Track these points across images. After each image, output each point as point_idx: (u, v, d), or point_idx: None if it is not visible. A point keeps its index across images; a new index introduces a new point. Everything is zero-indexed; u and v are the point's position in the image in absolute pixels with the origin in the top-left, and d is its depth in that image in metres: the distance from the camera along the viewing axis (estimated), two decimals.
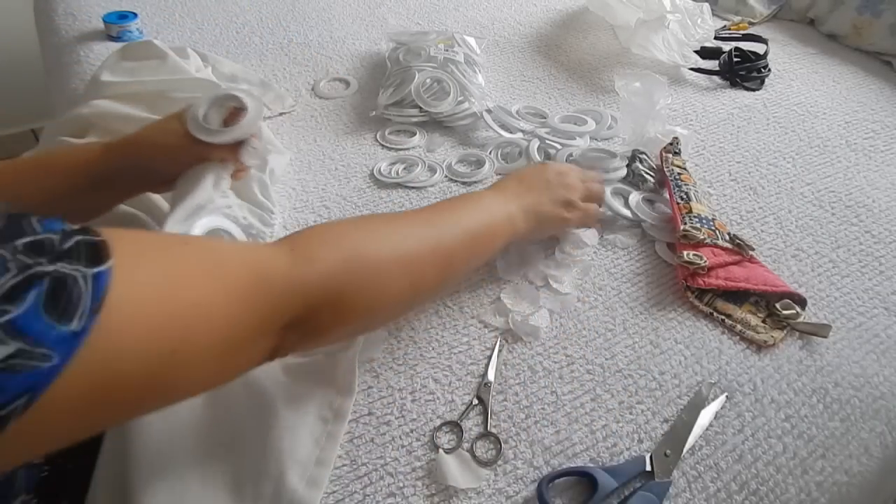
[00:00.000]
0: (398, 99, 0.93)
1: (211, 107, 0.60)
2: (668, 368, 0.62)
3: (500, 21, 1.26)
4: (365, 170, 0.85)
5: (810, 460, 0.56)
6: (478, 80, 0.98)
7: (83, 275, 0.30)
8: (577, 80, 1.08)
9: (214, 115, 0.61)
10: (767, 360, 0.64)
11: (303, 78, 1.03)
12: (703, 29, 1.20)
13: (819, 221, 0.83)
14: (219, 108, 0.61)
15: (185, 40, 1.08)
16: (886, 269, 0.76)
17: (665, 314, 0.68)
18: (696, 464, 0.55)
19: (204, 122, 0.59)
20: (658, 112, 0.88)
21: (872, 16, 1.22)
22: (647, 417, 0.58)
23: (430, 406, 0.58)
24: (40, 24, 1.21)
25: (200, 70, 0.89)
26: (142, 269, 0.34)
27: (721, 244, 0.71)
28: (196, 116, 0.59)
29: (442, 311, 0.66)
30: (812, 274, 0.75)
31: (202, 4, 1.21)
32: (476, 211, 0.60)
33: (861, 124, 1.03)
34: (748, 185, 0.88)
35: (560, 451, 0.55)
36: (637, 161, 0.84)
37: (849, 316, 0.70)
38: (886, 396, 0.62)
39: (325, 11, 1.23)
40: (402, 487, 0.52)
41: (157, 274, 0.35)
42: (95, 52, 1.02)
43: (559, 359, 0.62)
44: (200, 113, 0.59)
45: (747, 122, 1.01)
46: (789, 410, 0.60)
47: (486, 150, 0.90)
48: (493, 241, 0.61)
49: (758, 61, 1.13)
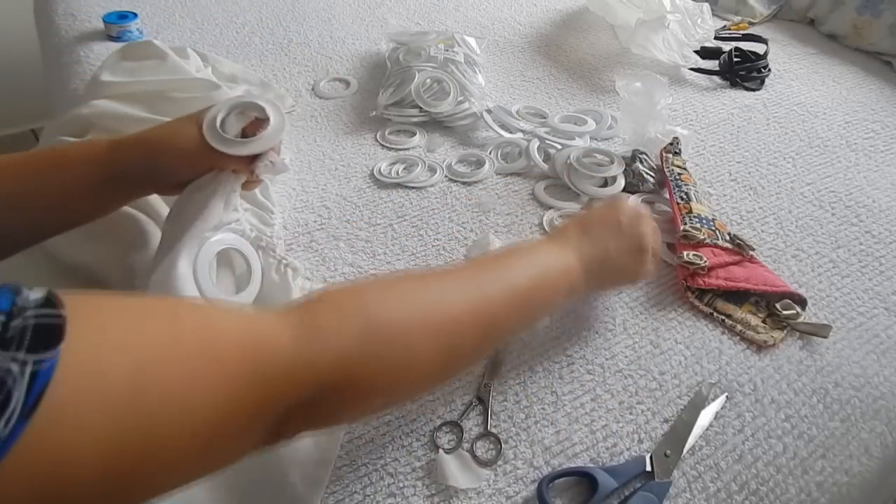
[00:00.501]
0: (398, 99, 0.93)
1: (230, 113, 0.57)
2: (668, 368, 0.62)
3: (500, 21, 1.26)
4: (365, 170, 0.85)
5: (810, 460, 0.56)
6: (478, 80, 0.98)
7: (20, 366, 0.25)
8: (577, 80, 1.08)
9: (233, 122, 0.57)
10: (767, 360, 0.64)
11: (303, 78, 1.03)
12: (703, 29, 1.20)
13: (819, 221, 0.83)
14: (239, 115, 0.58)
15: (185, 40, 1.08)
16: (886, 269, 0.76)
17: (665, 314, 0.68)
18: (696, 464, 0.55)
19: (221, 130, 0.56)
20: (658, 112, 0.88)
21: (872, 16, 1.22)
22: (647, 417, 0.58)
23: (430, 406, 0.58)
24: (40, 24, 1.21)
25: (200, 70, 0.89)
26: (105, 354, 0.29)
27: (721, 244, 0.71)
28: (214, 124, 0.56)
29: None
30: (812, 274, 0.75)
31: (202, 4, 1.21)
32: (526, 265, 0.52)
33: (861, 124, 1.03)
34: (748, 185, 0.88)
35: (560, 451, 0.55)
36: (637, 161, 0.84)
37: (849, 316, 0.70)
38: (886, 396, 0.62)
39: (325, 11, 1.23)
40: (402, 487, 0.52)
41: (124, 361, 0.29)
42: (95, 52, 1.02)
43: (559, 359, 0.62)
44: (218, 119, 0.56)
45: (747, 122, 1.01)
46: (789, 410, 0.60)
47: (486, 150, 0.90)
48: (548, 300, 0.53)
49: (758, 61, 1.13)
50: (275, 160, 0.60)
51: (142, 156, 0.56)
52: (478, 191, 0.83)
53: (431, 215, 0.78)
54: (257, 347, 0.36)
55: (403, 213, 0.78)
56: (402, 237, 0.75)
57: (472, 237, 0.75)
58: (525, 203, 0.81)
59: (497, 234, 0.76)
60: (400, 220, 0.77)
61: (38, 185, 0.53)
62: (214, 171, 0.58)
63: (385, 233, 0.75)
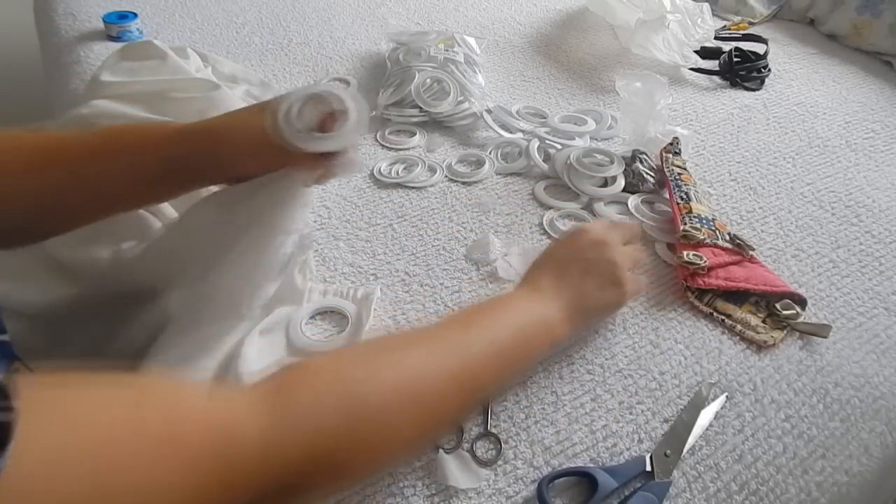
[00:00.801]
0: (398, 99, 0.93)
1: (305, 104, 0.50)
2: (668, 368, 0.62)
3: (500, 21, 1.26)
4: (365, 170, 0.85)
5: (810, 460, 0.56)
6: (478, 80, 0.98)
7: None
8: (577, 80, 1.08)
9: (308, 113, 0.51)
10: (767, 360, 0.64)
11: (303, 78, 1.03)
12: (703, 29, 1.20)
13: (819, 221, 0.83)
14: (314, 105, 0.51)
15: (185, 40, 1.08)
16: (886, 269, 0.76)
17: (665, 314, 0.68)
18: (696, 464, 0.55)
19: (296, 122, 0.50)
20: (658, 112, 0.88)
21: (872, 16, 1.22)
22: (647, 417, 0.58)
23: None
24: (40, 24, 1.21)
25: (200, 70, 0.89)
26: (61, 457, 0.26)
27: (721, 244, 0.71)
28: (289, 116, 0.50)
29: (442, 311, 0.66)
30: (812, 274, 0.75)
31: (202, 4, 1.21)
32: (505, 321, 0.51)
33: (861, 124, 1.03)
34: (748, 185, 0.88)
35: (560, 451, 0.55)
36: (637, 161, 0.84)
37: (849, 316, 0.70)
38: (886, 396, 0.62)
39: (325, 11, 1.23)
40: (402, 487, 0.52)
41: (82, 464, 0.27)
42: (95, 52, 1.02)
43: (559, 359, 0.62)
44: (294, 111, 0.50)
45: (747, 122, 1.01)
46: (789, 410, 0.60)
47: (486, 150, 0.90)
48: (531, 356, 0.53)
49: (758, 61, 1.13)
50: (354, 157, 0.55)
51: (205, 146, 0.52)
52: (478, 191, 0.83)
53: (431, 215, 0.78)
54: (226, 436, 0.34)
55: (403, 213, 0.78)
56: (402, 237, 0.75)
57: (472, 237, 0.75)
58: (525, 203, 0.81)
59: (497, 234, 0.76)
60: (400, 220, 0.77)
61: (85, 173, 0.50)
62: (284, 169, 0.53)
63: (385, 233, 0.75)
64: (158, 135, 0.52)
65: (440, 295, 0.68)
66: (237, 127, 0.52)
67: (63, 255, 0.61)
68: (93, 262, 0.61)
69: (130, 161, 0.51)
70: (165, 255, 0.59)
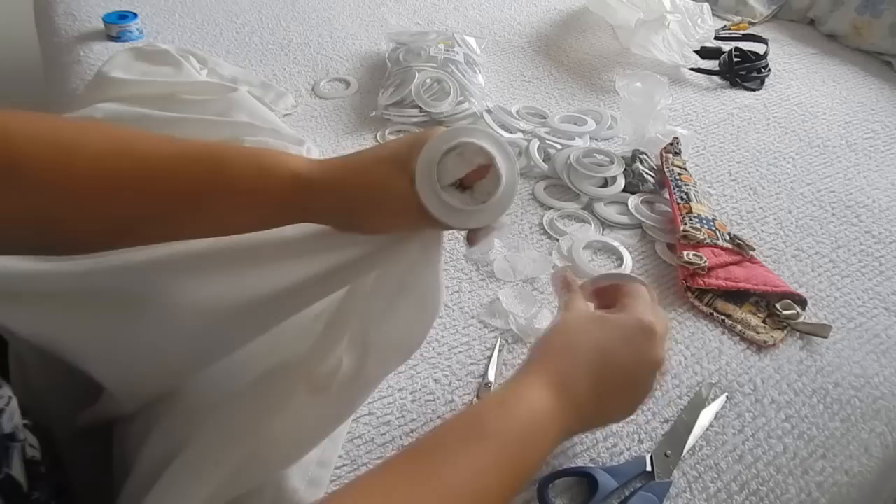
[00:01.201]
0: (398, 99, 0.93)
1: (445, 155, 0.42)
2: (668, 368, 0.62)
3: (500, 21, 1.26)
4: None
5: (810, 460, 0.56)
6: (478, 80, 0.98)
7: None
8: (577, 80, 1.08)
9: (450, 168, 0.42)
10: (767, 360, 0.64)
11: (303, 78, 1.03)
12: (703, 29, 1.20)
13: (819, 221, 0.83)
14: (457, 157, 0.42)
15: (185, 40, 1.08)
16: (886, 269, 0.76)
17: (665, 314, 0.68)
18: (696, 464, 0.55)
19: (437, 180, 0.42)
20: (658, 112, 0.88)
21: (872, 16, 1.22)
22: (647, 417, 0.58)
23: (430, 406, 0.57)
24: (40, 24, 1.21)
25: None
26: None
27: (721, 244, 0.71)
28: (434, 183, 0.41)
29: (442, 311, 0.66)
30: (812, 274, 0.75)
31: (202, 4, 1.21)
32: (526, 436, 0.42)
33: (861, 124, 1.03)
34: (748, 185, 0.88)
35: (560, 451, 0.55)
36: (637, 161, 0.84)
37: (849, 316, 0.70)
38: (886, 396, 0.62)
39: (325, 11, 1.23)
40: None
41: None
42: (95, 52, 1.02)
43: None
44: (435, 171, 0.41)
45: (747, 122, 1.01)
46: (789, 411, 0.60)
47: None
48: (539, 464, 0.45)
49: (758, 61, 1.13)
50: (503, 229, 0.47)
51: (335, 208, 0.44)
52: None
53: None
54: None
55: None
56: None
57: None
58: (525, 203, 0.81)
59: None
60: None
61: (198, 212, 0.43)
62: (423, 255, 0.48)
63: None
64: (278, 182, 0.43)
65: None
66: (375, 190, 0.44)
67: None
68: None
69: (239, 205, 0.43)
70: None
